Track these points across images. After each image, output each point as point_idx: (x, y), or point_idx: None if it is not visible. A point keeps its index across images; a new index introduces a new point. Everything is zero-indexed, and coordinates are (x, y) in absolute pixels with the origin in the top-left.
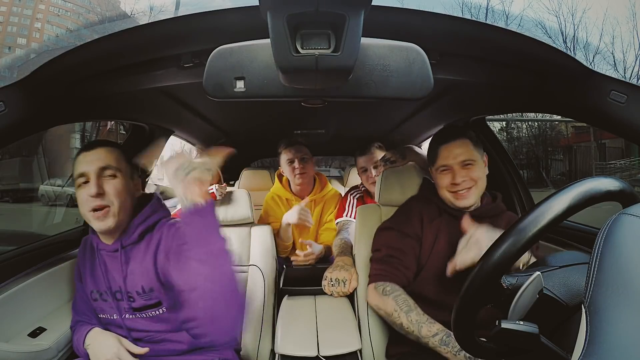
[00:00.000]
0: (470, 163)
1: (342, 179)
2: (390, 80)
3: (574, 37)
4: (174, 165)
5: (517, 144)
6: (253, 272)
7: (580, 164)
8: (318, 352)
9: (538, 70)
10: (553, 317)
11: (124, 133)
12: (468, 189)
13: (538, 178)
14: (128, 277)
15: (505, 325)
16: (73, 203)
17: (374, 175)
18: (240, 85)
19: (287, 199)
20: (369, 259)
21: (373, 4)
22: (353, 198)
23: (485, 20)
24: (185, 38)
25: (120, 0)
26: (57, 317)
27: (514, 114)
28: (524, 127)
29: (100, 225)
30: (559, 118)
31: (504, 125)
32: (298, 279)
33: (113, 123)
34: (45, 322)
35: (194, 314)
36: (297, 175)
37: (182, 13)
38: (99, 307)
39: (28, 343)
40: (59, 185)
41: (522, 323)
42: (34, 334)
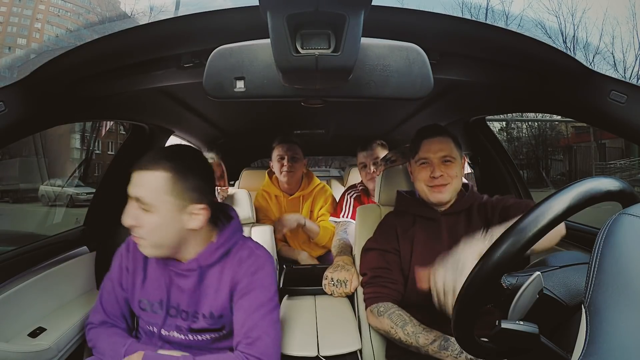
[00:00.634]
0: (450, 160)
1: (342, 179)
2: (390, 80)
3: (574, 37)
4: None
5: (517, 144)
6: None
7: (580, 164)
8: (318, 352)
9: (538, 70)
10: (553, 317)
11: (124, 133)
12: (444, 185)
13: (538, 178)
14: (199, 298)
15: (505, 325)
16: (73, 203)
17: (372, 172)
18: (240, 85)
19: (275, 195)
20: (361, 284)
21: (373, 4)
22: (350, 198)
23: (485, 20)
24: (185, 38)
25: (120, 1)
26: (57, 317)
27: (514, 114)
28: (524, 127)
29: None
30: (559, 118)
31: (504, 125)
32: (298, 279)
33: (113, 123)
34: (45, 322)
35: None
36: (283, 173)
37: (182, 13)
38: (147, 317)
39: (28, 343)
40: (59, 186)
41: (522, 323)
42: (34, 334)
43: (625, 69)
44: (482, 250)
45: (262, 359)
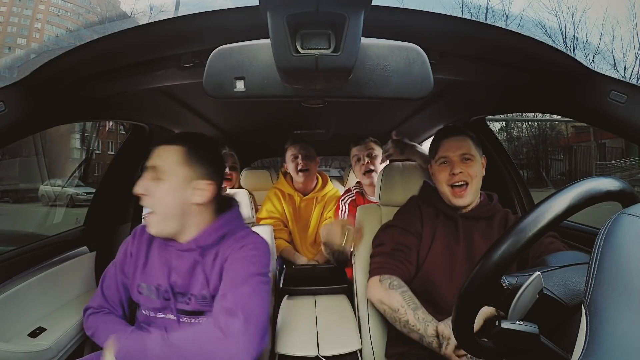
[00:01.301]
0: (470, 158)
1: (342, 179)
2: (390, 80)
3: (574, 37)
4: None
5: (517, 144)
6: None
7: (580, 164)
8: (318, 352)
9: (538, 70)
10: (553, 317)
11: (124, 133)
12: (465, 187)
13: (538, 178)
14: (192, 280)
15: (505, 325)
16: (73, 203)
17: (367, 163)
18: (240, 85)
19: (289, 194)
20: (370, 256)
21: (373, 4)
22: (344, 205)
23: (485, 20)
24: (185, 38)
25: (120, 0)
26: (57, 317)
27: (514, 114)
28: (524, 127)
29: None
30: (559, 118)
31: (504, 125)
32: (298, 279)
33: (113, 123)
34: (45, 322)
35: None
36: (299, 172)
37: (182, 13)
38: (144, 302)
39: (28, 343)
40: (59, 186)
41: (522, 323)
42: (34, 334)
43: (625, 69)
44: None
45: (234, 309)
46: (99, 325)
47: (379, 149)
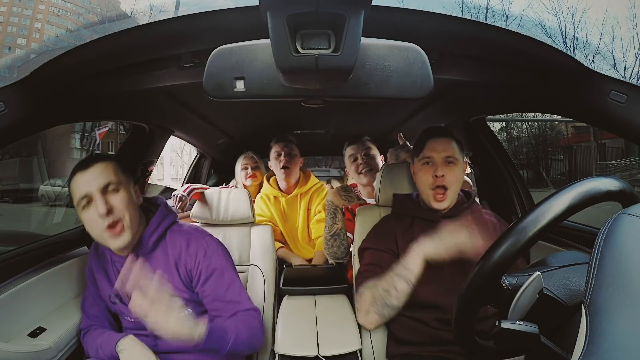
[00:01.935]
0: (453, 161)
1: (342, 179)
2: (390, 80)
3: (574, 37)
4: None
5: (517, 144)
6: (253, 272)
7: (580, 164)
8: (318, 352)
9: (538, 70)
10: (553, 317)
11: (124, 133)
12: (445, 192)
13: (538, 178)
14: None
15: (505, 325)
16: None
17: (364, 162)
18: (240, 85)
19: (274, 196)
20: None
21: (373, 4)
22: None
23: (485, 20)
24: (185, 38)
25: (120, 0)
26: (57, 317)
27: (514, 114)
28: (524, 127)
29: (118, 243)
30: (559, 118)
31: (504, 125)
32: (298, 279)
33: (113, 123)
34: (45, 322)
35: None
36: (281, 169)
37: (182, 13)
38: (120, 310)
39: (28, 343)
40: (59, 186)
41: (522, 323)
42: (34, 334)
43: (625, 69)
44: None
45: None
46: (89, 342)
47: (374, 148)
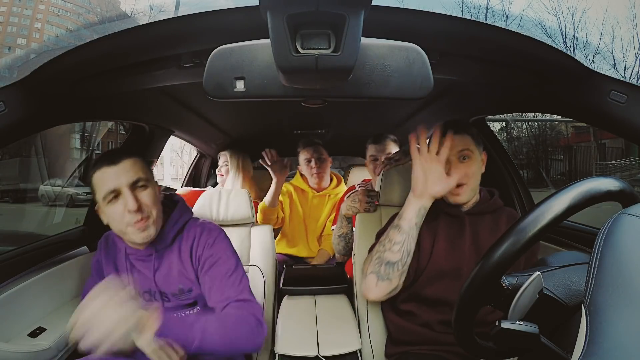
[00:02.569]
0: (468, 155)
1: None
2: (390, 80)
3: (574, 37)
4: None
5: (517, 144)
6: (253, 272)
7: (580, 164)
8: (318, 352)
9: (538, 70)
10: (553, 317)
11: (124, 133)
12: (461, 187)
13: (538, 178)
14: (163, 279)
15: (505, 325)
16: (73, 203)
17: (381, 165)
18: (240, 85)
19: (302, 189)
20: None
21: (373, 4)
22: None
23: (485, 20)
24: (185, 38)
25: (120, 0)
26: (57, 317)
27: (514, 114)
28: (524, 127)
29: (143, 237)
30: (559, 118)
31: (504, 125)
32: (298, 279)
33: (113, 123)
34: (45, 322)
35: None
36: (314, 175)
37: (182, 13)
38: None
39: (28, 343)
40: (59, 186)
41: (522, 323)
42: (34, 334)
43: (625, 69)
44: None
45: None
46: None
47: (397, 149)
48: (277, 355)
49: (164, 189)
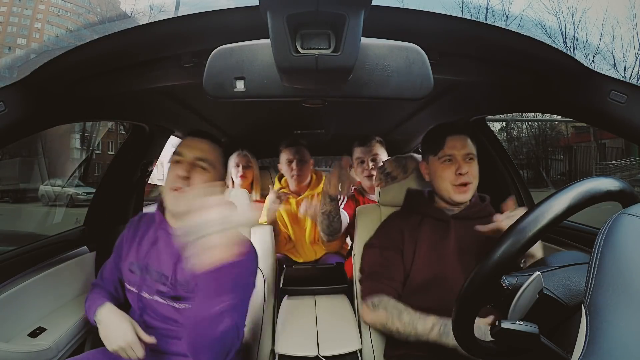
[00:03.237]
0: (473, 158)
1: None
2: (390, 80)
3: (574, 37)
4: None
5: (517, 144)
6: None
7: (580, 164)
8: (318, 352)
9: (538, 70)
10: (553, 317)
11: (124, 133)
12: (467, 185)
13: (538, 178)
14: (179, 263)
15: (505, 325)
16: (73, 203)
17: (370, 168)
18: (240, 85)
19: (287, 199)
20: (359, 280)
21: (373, 4)
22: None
23: (485, 20)
24: (185, 38)
25: (120, 0)
26: (57, 317)
27: (514, 114)
28: (524, 127)
29: (176, 202)
30: (559, 118)
31: (504, 125)
32: (298, 279)
33: (113, 123)
34: (45, 322)
35: None
36: (294, 177)
37: (182, 13)
38: (132, 279)
39: (28, 343)
40: (59, 186)
41: (522, 323)
42: (34, 334)
43: (625, 69)
44: None
45: None
46: (87, 301)
47: (383, 151)
48: (277, 355)
49: None
